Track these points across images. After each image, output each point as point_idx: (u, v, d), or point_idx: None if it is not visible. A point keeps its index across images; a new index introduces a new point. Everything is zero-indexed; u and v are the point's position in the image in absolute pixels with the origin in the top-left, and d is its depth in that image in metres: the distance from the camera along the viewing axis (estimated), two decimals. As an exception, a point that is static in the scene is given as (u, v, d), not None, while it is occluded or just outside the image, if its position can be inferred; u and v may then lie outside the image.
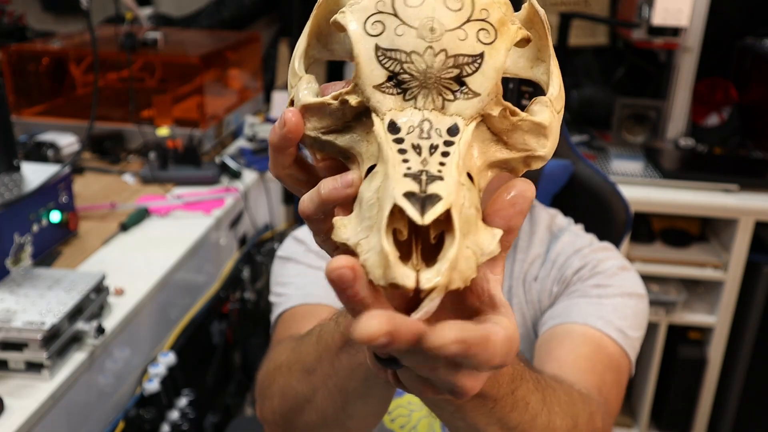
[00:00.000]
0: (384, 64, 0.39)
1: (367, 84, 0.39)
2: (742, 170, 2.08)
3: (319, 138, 0.42)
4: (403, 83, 0.39)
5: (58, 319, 1.02)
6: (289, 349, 0.72)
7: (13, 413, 0.94)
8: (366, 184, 0.39)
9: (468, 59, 0.39)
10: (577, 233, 0.97)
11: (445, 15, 0.39)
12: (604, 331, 0.83)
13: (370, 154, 0.40)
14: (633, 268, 0.93)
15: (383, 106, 0.39)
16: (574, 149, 1.20)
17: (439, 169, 0.37)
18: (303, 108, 0.41)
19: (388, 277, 0.36)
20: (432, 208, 0.35)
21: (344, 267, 0.35)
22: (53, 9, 2.75)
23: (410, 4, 0.39)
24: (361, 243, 0.37)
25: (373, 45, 0.39)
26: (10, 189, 1.25)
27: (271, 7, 2.71)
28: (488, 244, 0.38)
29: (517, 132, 0.41)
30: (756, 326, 2.00)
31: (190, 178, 1.78)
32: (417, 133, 0.38)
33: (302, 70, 0.43)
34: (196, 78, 2.04)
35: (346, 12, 0.40)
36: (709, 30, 2.16)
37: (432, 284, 0.35)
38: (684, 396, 2.11)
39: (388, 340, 0.33)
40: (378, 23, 0.39)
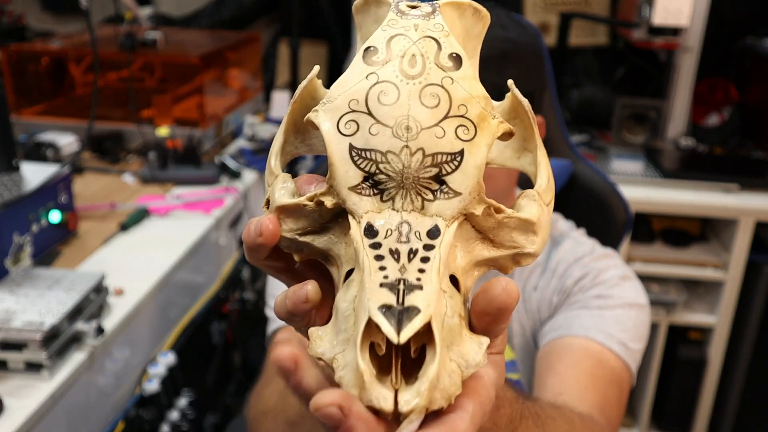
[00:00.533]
0: (359, 165, 0.37)
1: (342, 185, 0.38)
2: (742, 170, 2.08)
3: (296, 239, 0.40)
4: (379, 184, 0.37)
5: (57, 319, 1.02)
6: (277, 393, 0.74)
7: (13, 413, 0.94)
8: (342, 293, 0.37)
9: (447, 157, 0.37)
10: (578, 240, 0.95)
11: (421, 112, 0.37)
12: (605, 345, 0.82)
13: (349, 257, 0.39)
14: (634, 276, 0.91)
15: (360, 209, 0.37)
16: (574, 149, 1.20)
17: (418, 277, 0.35)
18: (279, 209, 0.40)
19: (364, 399, 0.34)
20: (409, 324, 0.33)
21: (331, 405, 0.33)
22: (53, 9, 2.75)
23: (384, 102, 0.37)
24: (337, 358, 0.36)
25: (347, 145, 0.37)
26: (10, 189, 1.25)
27: (271, 7, 2.71)
28: (474, 354, 0.36)
29: (503, 229, 0.40)
30: (756, 326, 2.00)
31: (190, 178, 1.78)
32: (395, 237, 0.36)
33: (278, 169, 0.41)
34: (196, 78, 2.04)
35: (319, 111, 0.39)
36: (709, 30, 2.16)
37: (410, 407, 0.33)
38: (684, 396, 2.11)
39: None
40: (352, 122, 0.37)
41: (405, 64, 0.38)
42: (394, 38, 0.39)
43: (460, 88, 0.38)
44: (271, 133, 2.14)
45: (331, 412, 0.33)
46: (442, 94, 0.38)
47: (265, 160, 1.88)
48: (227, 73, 2.32)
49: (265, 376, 0.85)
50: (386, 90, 0.37)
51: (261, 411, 0.77)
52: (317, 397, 0.33)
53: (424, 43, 0.38)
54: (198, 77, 2.03)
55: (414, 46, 0.38)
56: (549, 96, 1.09)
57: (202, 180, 1.78)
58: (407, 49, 0.38)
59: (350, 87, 0.38)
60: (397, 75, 0.38)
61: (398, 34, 0.39)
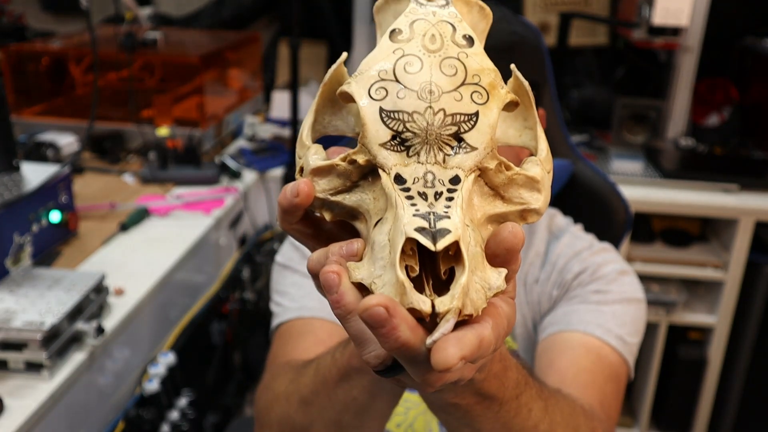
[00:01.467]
0: (388, 125, 0.42)
1: (374, 143, 0.42)
2: (742, 170, 2.08)
3: (327, 199, 0.45)
4: (406, 141, 0.42)
5: (57, 319, 1.02)
6: (288, 380, 0.75)
7: (13, 413, 0.94)
8: (377, 229, 0.42)
9: (465, 117, 0.42)
10: (577, 234, 0.97)
11: (442, 79, 0.43)
12: (603, 340, 0.83)
13: (378, 210, 0.43)
14: (632, 271, 0.93)
15: (389, 162, 0.42)
16: (574, 149, 1.20)
17: (445, 210, 0.40)
18: (313, 171, 0.44)
19: (405, 302, 0.38)
20: (442, 239, 0.38)
21: (378, 305, 0.37)
22: (53, 9, 2.75)
23: (410, 71, 0.43)
24: (376, 281, 0.40)
25: (378, 108, 0.42)
26: (10, 189, 1.25)
27: (271, 7, 2.71)
28: (495, 280, 0.41)
29: (512, 186, 0.45)
30: (756, 326, 2.00)
31: (190, 178, 1.78)
32: (422, 183, 0.42)
33: (310, 141, 0.46)
34: (196, 78, 2.04)
35: (351, 82, 0.44)
36: (709, 30, 2.16)
37: (447, 307, 0.38)
38: (684, 396, 2.11)
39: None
40: (381, 89, 0.43)
41: (426, 41, 0.44)
42: (416, 22, 0.45)
43: (474, 61, 0.44)
44: (272, 133, 2.14)
45: (379, 311, 0.36)
46: (458, 65, 0.43)
47: (266, 160, 1.87)
48: (227, 73, 2.32)
49: (271, 370, 0.85)
50: (411, 61, 0.43)
51: (271, 398, 0.77)
52: (365, 300, 0.37)
53: (441, 26, 0.44)
54: (198, 77, 2.03)
55: (433, 28, 0.44)
56: (549, 94, 1.09)
57: (202, 180, 1.78)
58: (427, 29, 0.44)
59: (379, 61, 0.44)
60: (419, 49, 0.44)
61: (419, 19, 0.45)
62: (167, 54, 2.06)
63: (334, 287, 0.40)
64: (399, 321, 0.37)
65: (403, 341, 0.37)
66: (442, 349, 0.37)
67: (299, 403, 0.70)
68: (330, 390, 0.65)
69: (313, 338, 0.87)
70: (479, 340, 0.38)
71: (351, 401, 0.63)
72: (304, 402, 0.70)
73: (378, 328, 0.37)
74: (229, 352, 1.71)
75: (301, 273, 0.94)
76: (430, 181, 0.42)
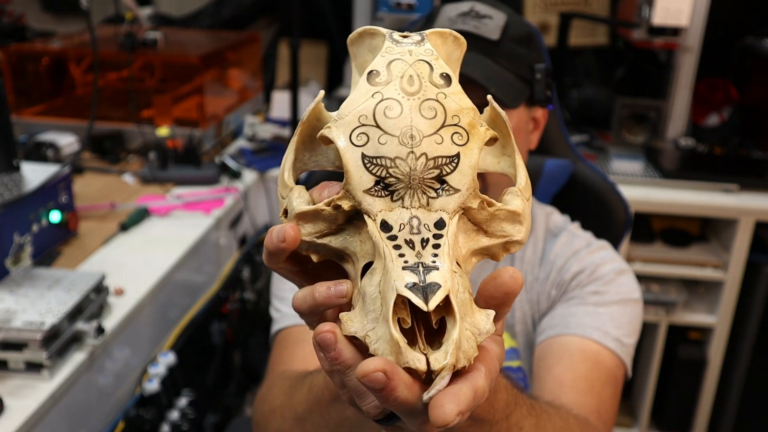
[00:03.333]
0: (371, 171, 0.43)
1: (358, 189, 0.43)
2: (742, 170, 2.08)
3: (314, 242, 0.45)
4: (389, 186, 0.43)
5: (57, 319, 1.02)
6: (283, 393, 0.77)
7: (13, 413, 0.94)
8: (367, 280, 0.42)
9: (446, 160, 0.43)
10: (574, 232, 0.97)
11: (422, 123, 0.43)
12: (601, 343, 0.84)
13: (365, 253, 0.44)
14: (629, 269, 0.94)
15: (374, 208, 0.43)
16: (573, 149, 1.20)
17: (433, 260, 0.41)
18: (298, 216, 0.45)
19: (401, 361, 0.39)
20: (434, 296, 0.39)
21: (376, 370, 0.38)
22: (53, 9, 2.75)
23: (390, 116, 0.43)
24: (369, 334, 0.41)
25: (360, 154, 0.43)
26: (10, 189, 1.25)
27: (271, 7, 2.71)
28: (484, 324, 0.42)
29: (494, 221, 0.46)
30: (756, 326, 2.00)
31: (190, 178, 1.78)
32: (408, 230, 0.42)
33: (292, 182, 0.47)
34: (196, 78, 2.04)
35: (332, 127, 0.44)
36: (709, 30, 2.16)
37: (441, 365, 0.39)
38: (684, 396, 2.11)
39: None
40: (362, 135, 0.43)
41: (405, 83, 0.44)
42: (393, 62, 0.45)
43: (452, 101, 0.44)
44: (272, 133, 2.14)
45: (378, 376, 0.38)
46: (437, 107, 0.44)
47: (266, 160, 1.88)
48: (227, 73, 2.32)
49: (269, 380, 0.86)
50: (391, 105, 0.43)
51: (268, 411, 0.79)
52: (362, 365, 0.38)
53: (418, 66, 0.45)
54: (198, 77, 2.03)
55: (410, 68, 0.44)
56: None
57: (202, 180, 1.78)
58: (405, 70, 0.44)
59: (359, 105, 0.44)
60: (398, 92, 0.44)
61: (396, 59, 0.45)
62: (167, 54, 2.06)
63: (330, 345, 0.41)
64: (397, 382, 0.38)
65: (402, 400, 0.39)
66: (439, 406, 0.38)
67: (293, 419, 0.72)
68: (323, 409, 0.66)
69: (309, 346, 0.87)
70: (474, 392, 0.39)
71: (344, 420, 0.64)
72: (299, 419, 0.71)
73: (378, 391, 0.38)
74: (229, 352, 1.71)
75: None
76: (416, 226, 0.42)
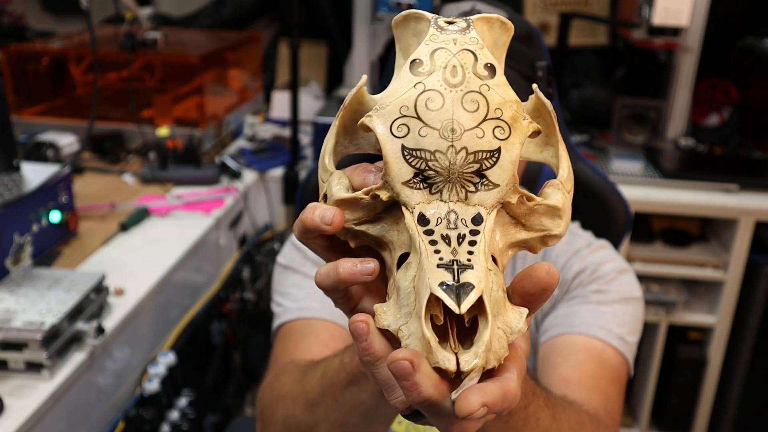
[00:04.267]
0: (410, 163, 0.43)
1: (396, 181, 0.43)
2: (742, 170, 2.08)
3: (352, 228, 0.46)
4: (428, 179, 0.43)
5: (57, 319, 1.02)
6: (294, 380, 0.76)
7: (13, 413, 0.94)
8: (402, 273, 0.43)
9: (486, 154, 0.42)
10: (575, 232, 0.97)
11: (464, 116, 0.42)
12: (605, 341, 0.85)
13: (402, 242, 0.44)
14: (629, 268, 0.94)
15: (412, 200, 0.43)
16: (574, 149, 1.20)
17: (468, 258, 0.41)
18: (338, 203, 0.45)
19: (432, 360, 0.39)
20: (467, 298, 0.39)
21: (405, 359, 0.39)
22: (53, 9, 2.75)
23: (431, 107, 0.42)
24: (402, 328, 0.41)
25: (400, 146, 0.43)
26: (10, 189, 1.25)
27: (271, 7, 2.71)
28: (516, 322, 0.42)
29: (533, 215, 0.45)
30: (756, 326, 2.00)
31: (190, 178, 1.78)
32: (445, 224, 0.42)
33: (332, 166, 0.47)
34: (196, 78, 2.04)
35: (373, 116, 0.44)
36: (709, 30, 2.16)
37: (471, 366, 0.39)
38: (684, 396, 2.11)
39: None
40: (403, 126, 0.43)
41: (447, 74, 0.43)
42: (436, 51, 0.44)
43: (496, 94, 0.43)
44: (272, 133, 2.14)
45: (404, 365, 0.38)
46: (480, 99, 0.43)
47: (266, 160, 1.87)
48: (227, 73, 2.32)
49: (275, 369, 0.85)
50: (432, 97, 0.43)
51: (276, 397, 0.77)
52: (395, 352, 0.39)
53: (462, 56, 0.44)
54: (198, 77, 2.03)
55: (454, 58, 0.43)
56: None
57: (202, 180, 1.78)
58: (449, 61, 0.43)
59: (400, 95, 0.43)
60: (441, 84, 0.43)
61: (440, 48, 0.44)
62: (167, 54, 2.06)
63: (363, 335, 0.42)
64: (421, 377, 0.38)
65: (426, 396, 0.39)
66: (463, 397, 0.38)
67: (305, 404, 0.71)
68: (338, 393, 0.66)
69: (314, 339, 0.88)
70: (503, 393, 0.39)
71: (359, 404, 0.64)
72: (311, 403, 0.70)
73: (401, 380, 0.39)
74: (229, 352, 1.71)
75: (302, 274, 0.95)
76: (453, 221, 0.42)
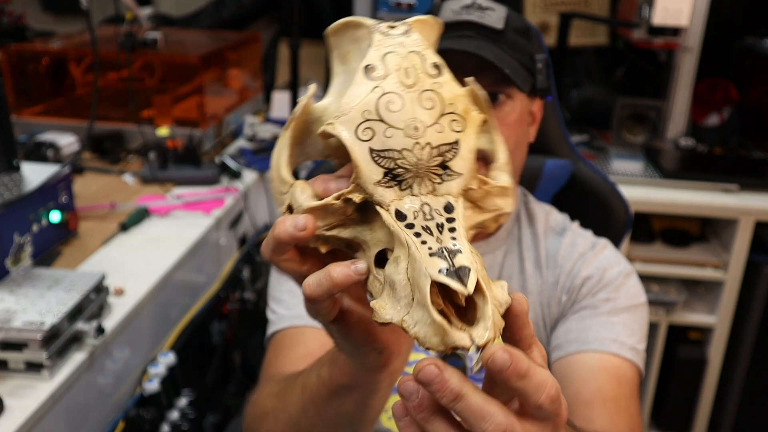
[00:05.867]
0: (380, 163, 0.45)
1: (368, 182, 0.45)
2: (742, 170, 2.08)
3: (323, 234, 0.47)
4: (398, 176, 0.45)
5: (57, 319, 1.02)
6: (274, 394, 0.76)
7: (13, 413, 0.94)
8: (392, 268, 0.44)
9: (448, 147, 0.46)
10: (578, 232, 0.98)
11: (423, 114, 0.45)
12: (620, 355, 0.87)
13: (376, 240, 0.46)
14: (633, 269, 0.95)
15: (386, 198, 0.45)
16: (573, 149, 1.20)
17: (453, 243, 0.44)
18: (308, 211, 0.46)
19: (448, 342, 0.41)
20: (468, 279, 0.42)
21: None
22: (53, 9, 2.75)
23: (392, 109, 0.45)
24: (405, 319, 0.43)
25: (367, 149, 0.45)
26: (10, 189, 1.25)
27: (271, 7, 2.71)
28: (501, 294, 0.45)
29: (489, 197, 0.49)
30: (756, 326, 2.00)
31: (190, 178, 1.78)
32: (422, 217, 0.45)
33: (291, 178, 0.49)
34: (196, 78, 2.04)
35: (335, 123, 0.46)
36: (709, 30, 2.16)
37: (485, 339, 0.41)
38: (684, 396, 2.11)
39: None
40: (368, 129, 0.45)
41: (402, 76, 0.46)
42: (387, 55, 0.46)
43: (446, 90, 0.47)
44: (272, 133, 2.14)
45: (432, 369, 0.40)
46: (435, 97, 0.46)
47: (266, 160, 1.87)
48: (227, 73, 2.32)
49: (260, 386, 0.86)
50: (392, 99, 0.45)
51: (259, 414, 0.78)
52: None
53: (411, 57, 0.47)
54: (198, 77, 2.03)
55: (405, 61, 0.46)
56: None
57: (203, 180, 1.78)
58: (400, 63, 0.46)
59: (360, 100, 0.45)
60: (397, 86, 0.45)
61: (389, 52, 0.46)
62: (167, 54, 2.06)
63: (435, 376, 0.41)
64: (449, 374, 0.41)
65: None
66: (488, 348, 0.41)
67: (287, 421, 0.71)
68: (320, 408, 0.66)
69: (303, 349, 0.88)
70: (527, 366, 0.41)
71: (344, 415, 0.64)
72: (293, 420, 0.70)
73: (430, 384, 0.41)
74: (229, 352, 1.71)
75: None
76: (428, 212, 0.45)
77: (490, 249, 0.94)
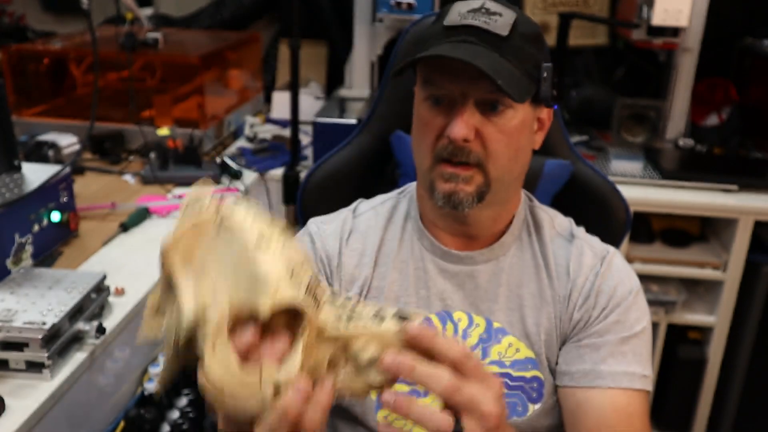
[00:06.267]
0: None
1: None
2: (742, 170, 2.08)
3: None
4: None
5: (58, 318, 1.03)
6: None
7: (14, 413, 0.94)
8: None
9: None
10: (585, 239, 0.96)
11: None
12: (632, 388, 0.87)
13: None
14: (639, 285, 0.94)
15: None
16: (573, 149, 1.20)
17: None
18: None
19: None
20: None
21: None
22: (53, 9, 2.75)
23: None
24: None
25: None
26: (11, 189, 1.25)
27: (271, 7, 2.71)
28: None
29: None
30: (756, 326, 2.00)
31: (191, 178, 1.78)
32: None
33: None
34: (196, 78, 2.04)
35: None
36: (709, 30, 2.16)
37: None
38: (684, 396, 2.12)
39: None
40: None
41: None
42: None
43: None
44: (272, 134, 2.14)
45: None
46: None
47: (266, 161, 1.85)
48: (227, 73, 2.32)
49: None
50: None
51: None
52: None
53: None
54: (198, 77, 2.03)
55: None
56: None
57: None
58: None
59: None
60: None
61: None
62: (167, 54, 2.07)
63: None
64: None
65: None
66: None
67: None
68: None
69: None
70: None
71: None
72: None
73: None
74: (230, 351, 1.71)
75: None
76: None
77: (494, 255, 0.93)
